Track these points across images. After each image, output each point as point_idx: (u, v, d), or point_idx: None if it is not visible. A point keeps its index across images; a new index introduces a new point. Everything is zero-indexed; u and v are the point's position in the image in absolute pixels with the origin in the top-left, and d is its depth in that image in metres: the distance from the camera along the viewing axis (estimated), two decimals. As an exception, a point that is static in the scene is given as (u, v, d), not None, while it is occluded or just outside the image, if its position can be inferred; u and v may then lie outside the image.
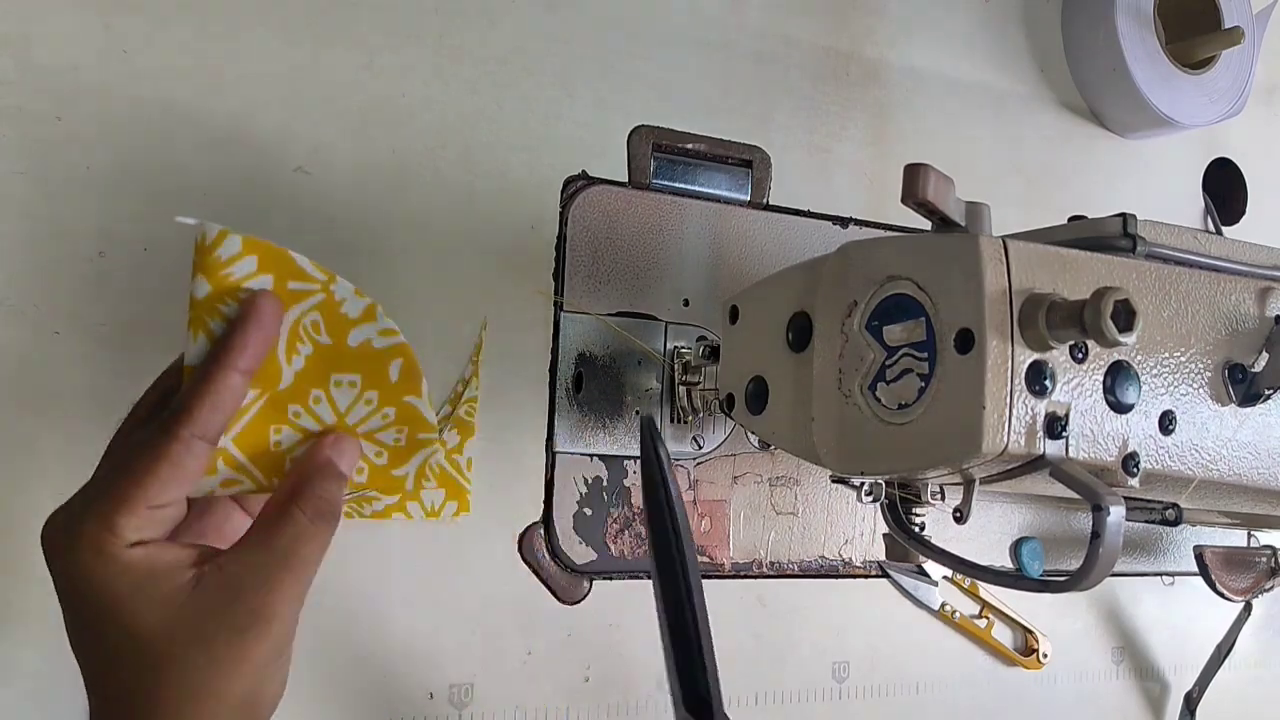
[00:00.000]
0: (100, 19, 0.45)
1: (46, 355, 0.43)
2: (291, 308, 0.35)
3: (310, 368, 0.37)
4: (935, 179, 0.36)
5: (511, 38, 0.53)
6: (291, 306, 0.35)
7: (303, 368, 0.36)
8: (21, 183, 0.43)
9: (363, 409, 0.38)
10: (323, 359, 0.37)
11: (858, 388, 0.40)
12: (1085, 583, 0.36)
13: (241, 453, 0.36)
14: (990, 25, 0.69)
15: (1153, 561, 0.71)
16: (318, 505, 0.36)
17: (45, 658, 0.42)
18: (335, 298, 0.36)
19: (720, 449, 0.57)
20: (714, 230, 0.57)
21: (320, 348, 0.37)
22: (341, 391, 0.37)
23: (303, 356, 0.36)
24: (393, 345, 0.38)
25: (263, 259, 0.34)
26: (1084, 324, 0.34)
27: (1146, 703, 0.71)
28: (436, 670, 0.49)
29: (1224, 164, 0.79)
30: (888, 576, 0.61)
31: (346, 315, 0.37)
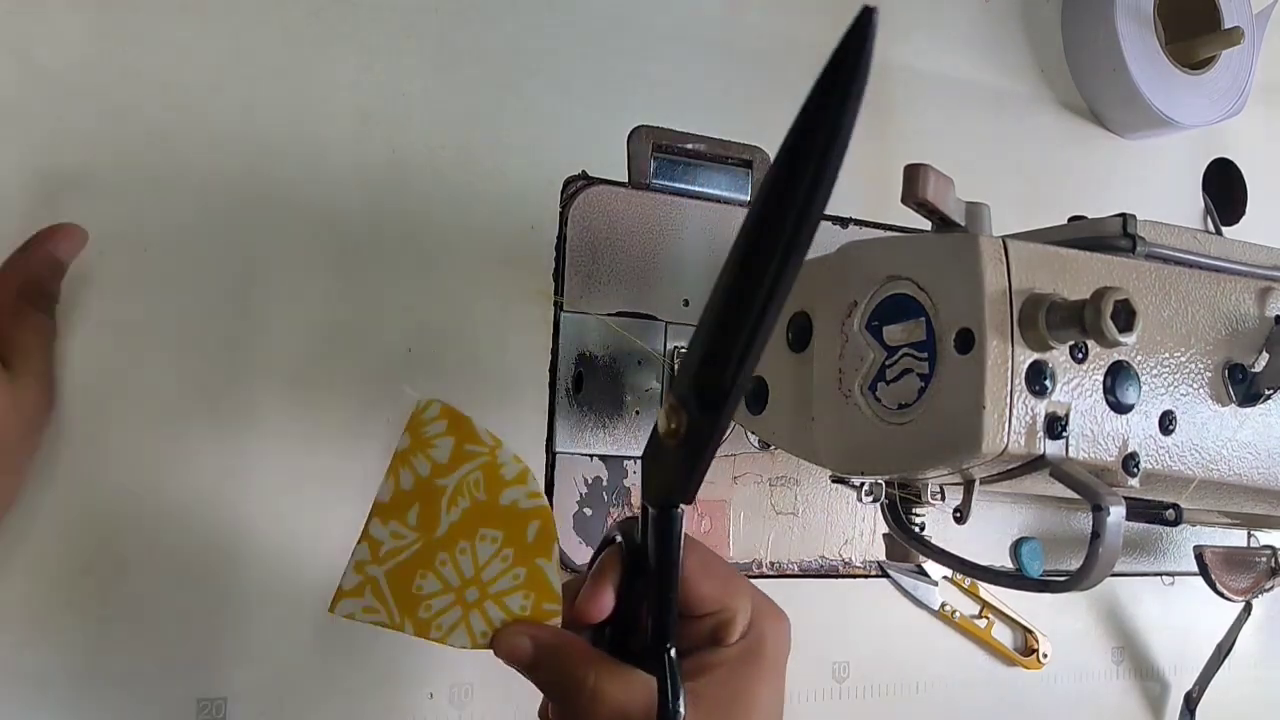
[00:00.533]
0: (100, 19, 0.45)
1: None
2: (462, 465, 0.38)
3: (464, 520, 0.39)
4: (935, 179, 0.36)
5: (511, 38, 0.53)
6: (462, 465, 0.38)
7: (458, 520, 0.39)
8: (21, 183, 0.43)
9: (498, 565, 0.39)
10: (476, 513, 0.39)
11: (858, 388, 0.40)
12: (1085, 583, 0.36)
13: (388, 587, 0.39)
14: (990, 25, 0.69)
15: (1153, 561, 0.71)
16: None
17: (45, 657, 0.42)
18: (498, 460, 0.38)
19: (720, 449, 0.57)
20: (714, 230, 0.57)
21: (476, 503, 0.39)
22: (484, 545, 0.39)
23: (460, 510, 0.39)
24: (535, 507, 0.39)
25: (450, 424, 0.38)
26: (1084, 324, 0.34)
27: (1146, 703, 0.71)
28: (436, 670, 0.49)
29: (1224, 164, 0.79)
30: (888, 576, 0.61)
31: (504, 477, 0.39)
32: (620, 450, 0.54)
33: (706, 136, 0.57)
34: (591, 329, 0.54)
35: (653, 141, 0.56)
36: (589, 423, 0.53)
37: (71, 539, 0.43)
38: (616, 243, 0.55)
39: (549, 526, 0.39)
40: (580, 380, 0.53)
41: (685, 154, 0.57)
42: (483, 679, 0.50)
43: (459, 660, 0.49)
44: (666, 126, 0.57)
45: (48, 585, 0.42)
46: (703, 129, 0.57)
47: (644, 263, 0.55)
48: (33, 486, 0.42)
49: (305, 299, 0.48)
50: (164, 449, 0.44)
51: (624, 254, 0.55)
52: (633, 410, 0.54)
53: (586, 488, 0.53)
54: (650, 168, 0.56)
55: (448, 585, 0.39)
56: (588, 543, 0.53)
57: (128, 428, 0.44)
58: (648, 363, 0.55)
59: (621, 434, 0.54)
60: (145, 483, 0.44)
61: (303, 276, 0.48)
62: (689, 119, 0.57)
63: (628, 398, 0.54)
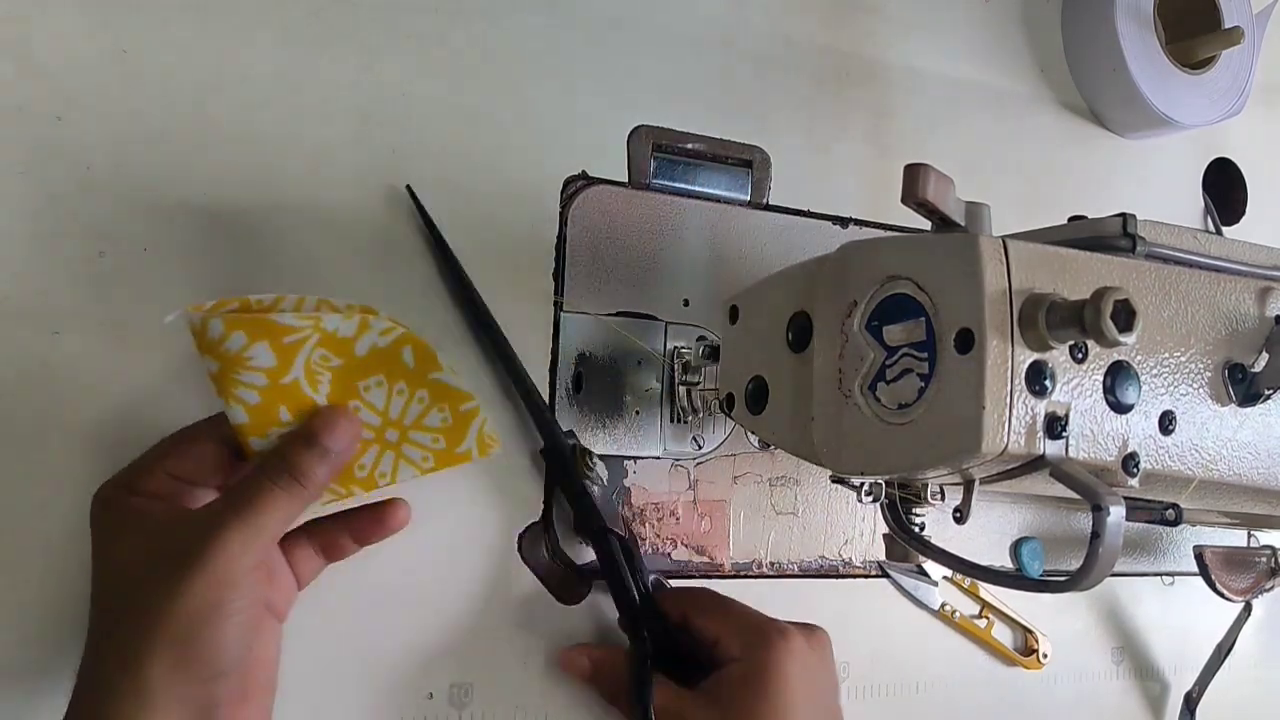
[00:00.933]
0: (100, 19, 0.45)
1: (46, 355, 0.43)
2: (296, 355, 0.38)
3: (336, 389, 0.40)
4: (935, 179, 0.36)
5: (511, 38, 0.53)
6: (295, 355, 0.38)
7: (330, 391, 0.40)
8: (21, 183, 0.43)
9: (399, 401, 0.41)
10: (343, 376, 0.40)
11: (858, 388, 0.40)
12: (1085, 583, 0.36)
13: None
14: (990, 25, 0.69)
15: (1153, 561, 0.71)
16: (278, 466, 0.38)
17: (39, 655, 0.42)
18: (327, 329, 0.39)
19: (720, 449, 0.57)
20: (714, 230, 0.57)
21: (336, 371, 0.40)
22: (372, 394, 0.40)
23: (325, 383, 0.39)
24: (396, 338, 0.40)
25: (249, 331, 0.38)
26: (1084, 324, 0.34)
27: (1146, 703, 0.71)
28: (436, 670, 0.49)
29: (1224, 164, 0.79)
30: (888, 576, 0.61)
31: (345, 337, 0.39)
32: (620, 450, 0.54)
33: (706, 136, 0.57)
34: (591, 329, 0.54)
35: (653, 141, 0.56)
36: (589, 423, 0.53)
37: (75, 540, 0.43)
38: (616, 243, 0.55)
39: (419, 344, 0.40)
40: (580, 380, 0.53)
41: (685, 154, 0.57)
42: (483, 679, 0.50)
43: (459, 660, 0.49)
44: (666, 126, 0.57)
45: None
46: (703, 129, 0.57)
47: (644, 263, 0.55)
48: (33, 486, 0.42)
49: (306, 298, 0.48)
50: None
51: (624, 254, 0.55)
52: (633, 410, 0.54)
53: (586, 488, 0.53)
54: (650, 168, 0.56)
55: (365, 442, 0.41)
56: (588, 542, 0.52)
57: (127, 427, 0.44)
58: (648, 363, 0.55)
59: (621, 434, 0.54)
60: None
61: (303, 276, 0.48)
62: (689, 119, 0.57)
63: (627, 398, 0.54)
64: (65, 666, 0.42)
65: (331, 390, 0.39)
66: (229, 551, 0.36)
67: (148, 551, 0.36)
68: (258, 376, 0.38)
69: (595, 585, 0.52)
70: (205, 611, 0.35)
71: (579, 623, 0.52)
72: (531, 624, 0.51)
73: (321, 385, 0.39)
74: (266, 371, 0.38)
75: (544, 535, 0.52)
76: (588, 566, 0.52)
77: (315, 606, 0.46)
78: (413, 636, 0.49)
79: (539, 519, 0.52)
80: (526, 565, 0.51)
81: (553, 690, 0.51)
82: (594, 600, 0.52)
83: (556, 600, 0.52)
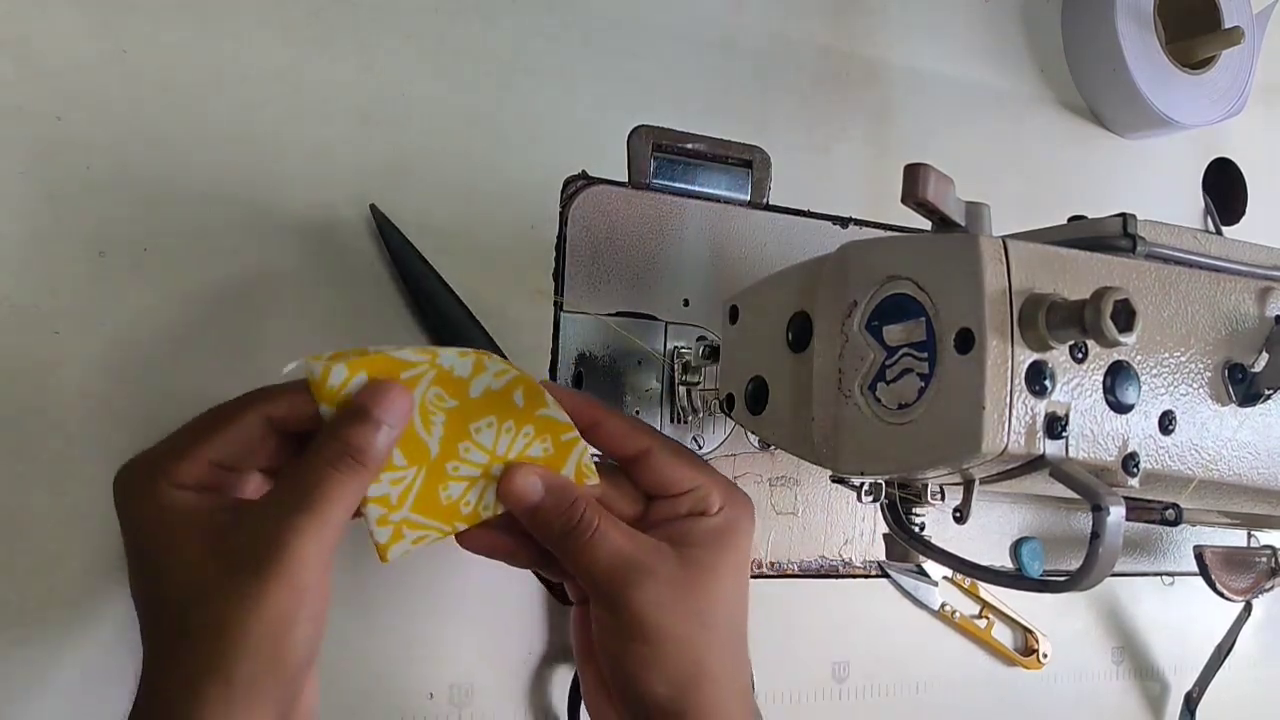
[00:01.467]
0: (100, 19, 0.45)
1: (46, 355, 0.43)
2: (412, 391, 0.38)
3: (450, 431, 0.39)
4: (935, 179, 0.36)
5: (511, 38, 0.53)
6: (412, 391, 0.38)
7: (443, 434, 0.39)
8: (21, 183, 0.43)
9: (506, 439, 0.41)
10: (457, 418, 0.40)
11: (858, 388, 0.40)
12: (1085, 583, 0.36)
13: (420, 516, 0.39)
14: (990, 25, 0.69)
15: (1153, 561, 0.70)
16: (335, 448, 0.36)
17: (39, 654, 0.42)
18: (444, 367, 0.39)
19: (720, 449, 0.57)
20: (714, 230, 0.57)
21: (450, 412, 0.39)
22: (483, 435, 0.40)
23: (439, 425, 0.39)
24: (510, 380, 0.40)
25: (371, 370, 0.37)
26: (1084, 324, 0.34)
27: (1146, 703, 0.71)
28: (436, 670, 0.49)
29: (1224, 164, 0.79)
30: (888, 576, 0.61)
31: (460, 377, 0.39)
32: (620, 450, 0.54)
33: (706, 136, 0.57)
34: (591, 329, 0.54)
35: (653, 141, 0.56)
36: (589, 423, 0.53)
37: (76, 540, 0.43)
38: (616, 243, 0.55)
39: (531, 384, 0.40)
40: (580, 380, 0.53)
41: (685, 154, 0.57)
42: (483, 679, 0.50)
43: (459, 660, 0.49)
44: (666, 126, 0.57)
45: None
46: (703, 129, 0.57)
47: (644, 263, 0.55)
48: (35, 486, 0.42)
49: (306, 299, 0.48)
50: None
51: (624, 254, 0.55)
52: (633, 410, 0.54)
53: (586, 488, 0.53)
54: (650, 168, 0.56)
55: (472, 480, 0.40)
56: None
57: (127, 426, 0.44)
58: (648, 363, 0.55)
59: (621, 434, 0.54)
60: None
61: (303, 276, 0.48)
62: (689, 119, 0.57)
63: (628, 398, 0.54)
64: (65, 666, 0.42)
65: (445, 432, 0.39)
66: (304, 552, 0.35)
67: (214, 554, 0.35)
68: None
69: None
70: (288, 615, 0.34)
71: (579, 623, 0.52)
72: (531, 624, 0.51)
73: (435, 426, 0.39)
74: None
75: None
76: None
77: (315, 606, 0.46)
78: (413, 636, 0.49)
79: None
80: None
81: (553, 690, 0.51)
82: (594, 600, 0.52)
83: (557, 600, 0.52)
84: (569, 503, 0.41)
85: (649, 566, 0.41)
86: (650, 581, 0.40)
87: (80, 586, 0.43)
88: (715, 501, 0.43)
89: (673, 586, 0.41)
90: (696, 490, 0.43)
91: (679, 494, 0.43)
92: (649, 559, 0.41)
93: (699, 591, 0.41)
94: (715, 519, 0.43)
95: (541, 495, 0.41)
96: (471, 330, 0.49)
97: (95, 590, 0.43)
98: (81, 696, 0.43)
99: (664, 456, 0.43)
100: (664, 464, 0.43)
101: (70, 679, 0.42)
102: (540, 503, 0.41)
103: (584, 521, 0.41)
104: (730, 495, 0.44)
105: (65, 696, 0.42)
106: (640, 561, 0.41)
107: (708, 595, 0.41)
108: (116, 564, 0.43)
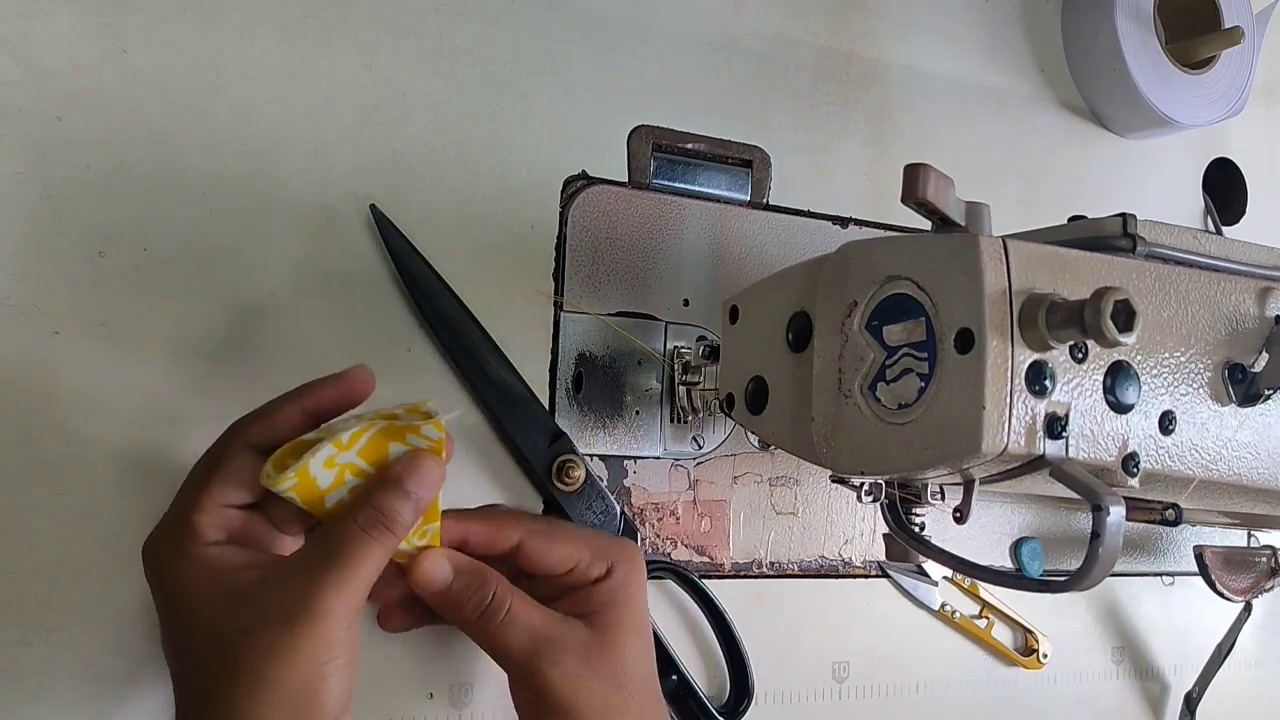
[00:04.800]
0: (100, 19, 0.45)
1: (46, 355, 0.43)
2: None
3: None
4: (935, 179, 0.36)
5: (511, 38, 0.53)
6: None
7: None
8: (21, 183, 0.43)
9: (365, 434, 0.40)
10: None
11: (858, 388, 0.40)
12: (1085, 583, 0.36)
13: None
14: (990, 25, 0.69)
15: (1153, 561, 0.71)
16: (370, 514, 0.38)
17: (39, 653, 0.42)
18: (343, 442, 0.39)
19: (720, 449, 0.57)
20: (714, 230, 0.57)
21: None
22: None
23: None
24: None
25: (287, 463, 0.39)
26: (1084, 324, 0.34)
27: (1146, 703, 0.71)
28: (436, 670, 0.49)
29: (1224, 164, 0.79)
30: (888, 576, 0.61)
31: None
32: (620, 450, 0.54)
33: (706, 136, 0.57)
34: (591, 329, 0.54)
35: (653, 141, 0.56)
36: (589, 423, 0.53)
37: (76, 541, 0.43)
38: (616, 243, 0.55)
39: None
40: (580, 380, 0.53)
41: (685, 154, 0.57)
42: (483, 679, 0.50)
43: (459, 660, 0.49)
44: (666, 126, 0.57)
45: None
46: (703, 129, 0.57)
47: (644, 263, 0.55)
48: (35, 486, 0.42)
49: (305, 298, 0.48)
50: (164, 448, 0.44)
51: (624, 254, 0.55)
52: (633, 410, 0.54)
53: (586, 488, 0.53)
54: (650, 168, 0.56)
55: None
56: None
57: (127, 426, 0.44)
58: (648, 363, 0.55)
59: (621, 434, 0.54)
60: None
61: (303, 276, 0.48)
62: (689, 119, 0.57)
63: (628, 398, 0.54)
64: (63, 666, 0.42)
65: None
66: (332, 610, 0.36)
67: (246, 608, 0.36)
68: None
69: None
70: (317, 671, 0.36)
71: (579, 623, 0.52)
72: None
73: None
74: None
75: (544, 535, 0.52)
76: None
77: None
78: (413, 636, 0.48)
79: (539, 519, 0.52)
80: (526, 565, 0.51)
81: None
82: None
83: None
84: (479, 583, 0.42)
85: (562, 642, 0.42)
86: (565, 656, 0.42)
87: (80, 586, 0.43)
88: (601, 565, 0.45)
89: (586, 656, 0.42)
90: (579, 564, 0.44)
91: (566, 572, 0.44)
92: (560, 634, 0.42)
93: (610, 655, 0.43)
94: (609, 581, 0.44)
95: (450, 578, 0.42)
96: (470, 330, 0.49)
97: (95, 590, 0.43)
98: (82, 697, 0.43)
99: (536, 543, 0.44)
100: (539, 550, 0.44)
101: (70, 679, 0.42)
102: (450, 586, 0.42)
103: (495, 602, 0.42)
104: (613, 551, 0.45)
105: (65, 696, 0.42)
106: (553, 638, 0.42)
107: (619, 655, 0.43)
108: (118, 564, 0.43)
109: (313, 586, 0.36)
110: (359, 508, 0.38)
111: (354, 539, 0.37)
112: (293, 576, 0.37)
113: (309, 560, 0.37)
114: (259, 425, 0.39)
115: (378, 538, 0.38)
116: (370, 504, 0.38)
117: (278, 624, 0.35)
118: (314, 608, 0.35)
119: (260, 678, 0.35)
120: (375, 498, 0.38)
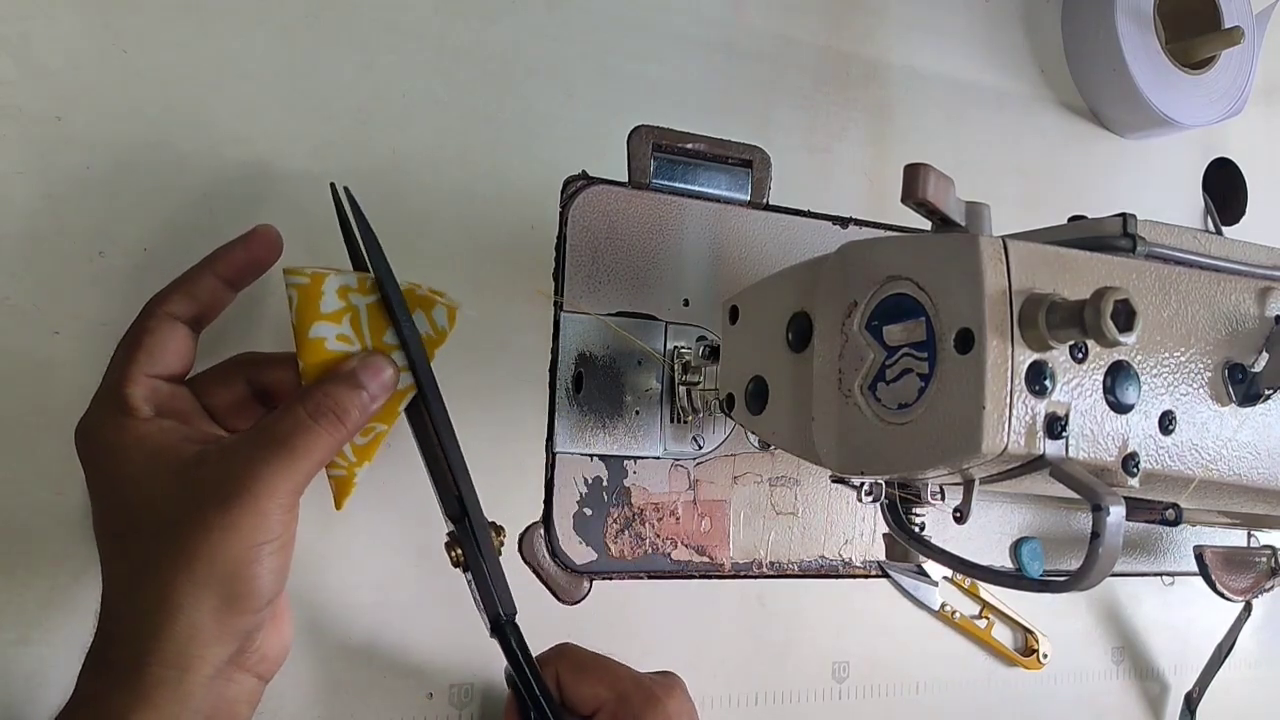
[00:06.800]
0: (100, 19, 0.45)
1: (46, 355, 0.43)
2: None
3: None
4: (935, 179, 0.36)
5: (511, 38, 0.53)
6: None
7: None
8: (21, 183, 0.43)
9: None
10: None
11: (858, 388, 0.40)
12: (1085, 583, 0.36)
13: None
14: (990, 25, 0.69)
15: (1153, 561, 0.71)
16: (318, 401, 0.38)
17: (39, 654, 0.42)
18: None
19: (720, 449, 0.57)
20: (714, 230, 0.57)
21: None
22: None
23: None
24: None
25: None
26: (1084, 324, 0.34)
27: (1146, 703, 0.71)
28: (436, 670, 0.49)
29: (1224, 164, 0.79)
30: (888, 576, 0.61)
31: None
32: (620, 450, 0.54)
33: (706, 136, 0.58)
34: (591, 329, 0.54)
35: (653, 141, 0.56)
36: (589, 423, 0.53)
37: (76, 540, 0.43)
38: (616, 243, 0.55)
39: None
40: (580, 380, 0.53)
41: (685, 154, 0.57)
42: (483, 679, 0.50)
43: (459, 660, 0.49)
44: (666, 126, 0.57)
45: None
46: (703, 129, 0.57)
47: (644, 263, 0.55)
48: (35, 486, 0.42)
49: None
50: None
51: (624, 254, 0.55)
52: (633, 410, 0.54)
53: (586, 488, 0.53)
54: (650, 168, 0.56)
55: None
56: (587, 543, 0.53)
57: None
58: (648, 363, 0.55)
59: (621, 434, 0.54)
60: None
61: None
62: (689, 119, 0.57)
63: (628, 398, 0.54)
64: (63, 666, 0.42)
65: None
66: (271, 493, 0.36)
67: (182, 485, 0.36)
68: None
69: (594, 585, 0.52)
70: (251, 551, 0.35)
71: (579, 622, 0.52)
72: (531, 624, 0.51)
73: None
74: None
75: (544, 535, 0.52)
76: (588, 566, 0.52)
77: (316, 607, 0.46)
78: (413, 636, 0.49)
79: (539, 519, 0.52)
80: (527, 565, 0.51)
81: (553, 690, 0.51)
82: (594, 600, 0.52)
83: (557, 600, 0.52)
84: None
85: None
86: None
87: (80, 586, 0.43)
88: (626, 713, 0.44)
89: None
90: (606, 705, 0.44)
91: (591, 714, 0.45)
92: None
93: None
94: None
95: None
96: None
97: (95, 590, 0.43)
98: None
99: (566, 678, 0.45)
100: (566, 685, 0.45)
101: (70, 679, 0.42)
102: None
103: None
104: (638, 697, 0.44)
105: (65, 697, 0.42)
106: None
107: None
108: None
109: (252, 466, 0.36)
110: (309, 395, 0.38)
111: (301, 426, 0.37)
112: (233, 455, 0.36)
113: (252, 441, 0.37)
114: (178, 294, 0.40)
115: (326, 427, 0.37)
116: (324, 392, 0.38)
117: (214, 502, 0.35)
118: (253, 488, 0.35)
119: (194, 555, 0.35)
120: (327, 386, 0.38)
